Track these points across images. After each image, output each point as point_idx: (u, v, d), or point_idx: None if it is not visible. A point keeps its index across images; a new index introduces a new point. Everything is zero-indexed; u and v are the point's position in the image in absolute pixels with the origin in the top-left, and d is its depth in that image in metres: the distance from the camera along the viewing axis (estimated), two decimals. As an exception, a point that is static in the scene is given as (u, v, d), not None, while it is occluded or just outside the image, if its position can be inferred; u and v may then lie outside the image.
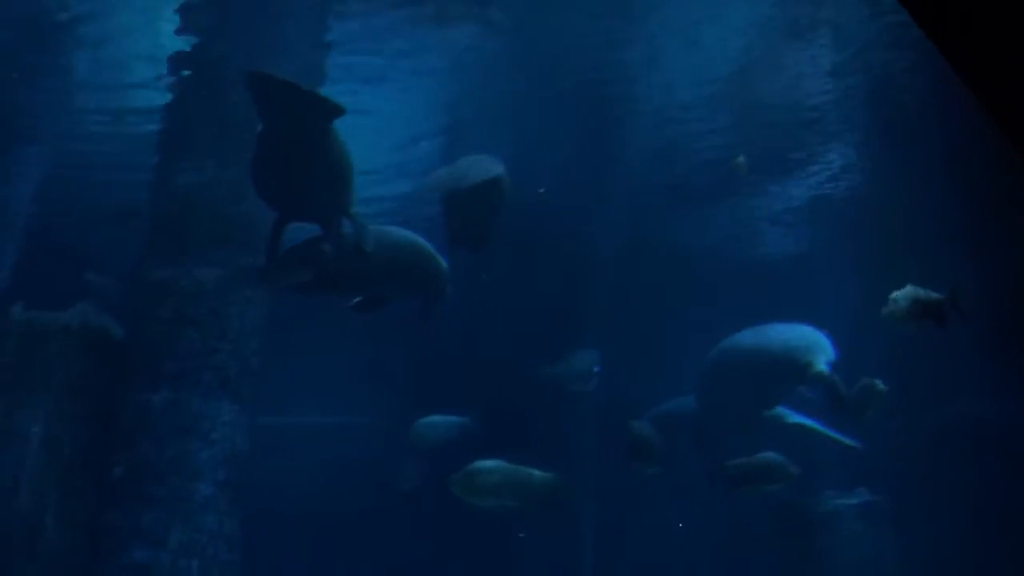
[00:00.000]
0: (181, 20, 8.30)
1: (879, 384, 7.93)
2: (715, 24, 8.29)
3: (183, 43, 8.56)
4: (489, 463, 7.63)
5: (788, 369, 8.33)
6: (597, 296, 11.67)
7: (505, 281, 10.34)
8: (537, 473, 7.52)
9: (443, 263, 7.90)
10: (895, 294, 7.00)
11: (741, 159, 9.21)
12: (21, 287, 8.93)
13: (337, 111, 6.88)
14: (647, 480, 9.06)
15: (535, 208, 9.53)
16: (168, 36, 8.52)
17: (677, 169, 10.50)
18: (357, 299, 7.94)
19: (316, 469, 10.65)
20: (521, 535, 10.54)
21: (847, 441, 9.31)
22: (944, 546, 9.28)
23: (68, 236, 10.89)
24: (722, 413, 9.42)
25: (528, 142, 9.65)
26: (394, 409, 10.63)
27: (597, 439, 11.33)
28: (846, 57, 8.73)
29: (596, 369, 10.01)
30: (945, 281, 8.29)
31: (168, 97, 9.09)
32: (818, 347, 8.27)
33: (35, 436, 7.67)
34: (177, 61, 8.74)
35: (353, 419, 11.19)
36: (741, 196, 10.94)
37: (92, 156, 10.30)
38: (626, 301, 11.44)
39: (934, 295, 7.00)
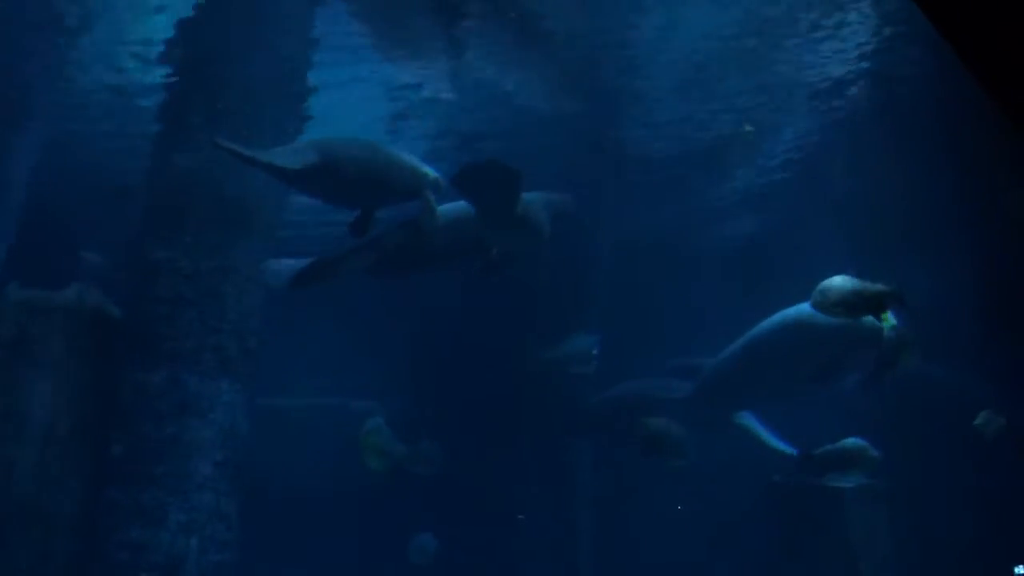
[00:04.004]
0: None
1: (910, 333, 7.92)
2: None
3: (180, 23, 8.53)
4: (377, 423, 8.09)
5: (867, 334, 8.26)
6: (592, 281, 11.69)
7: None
8: (398, 444, 8.30)
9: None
10: (826, 283, 6.88)
11: (748, 127, 9.17)
12: (17, 266, 8.90)
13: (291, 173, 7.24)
14: (652, 467, 9.11)
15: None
16: (166, 16, 8.48)
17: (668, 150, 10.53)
18: (482, 263, 8.21)
19: (314, 450, 10.68)
20: (520, 516, 10.60)
21: (785, 449, 9.41)
22: (936, 527, 9.37)
23: (64, 215, 10.84)
24: (762, 385, 9.40)
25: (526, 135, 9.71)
26: (394, 392, 10.65)
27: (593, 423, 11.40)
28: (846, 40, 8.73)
29: (595, 352, 10.03)
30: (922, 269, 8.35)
31: (166, 77, 9.04)
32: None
33: (32, 415, 7.67)
34: (174, 41, 8.69)
35: (351, 401, 11.18)
36: (719, 176, 10.98)
37: (88, 135, 10.25)
38: (617, 286, 11.48)
39: (871, 286, 6.86)
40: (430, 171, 7.74)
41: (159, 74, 9.06)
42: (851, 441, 8.09)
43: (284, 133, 8.80)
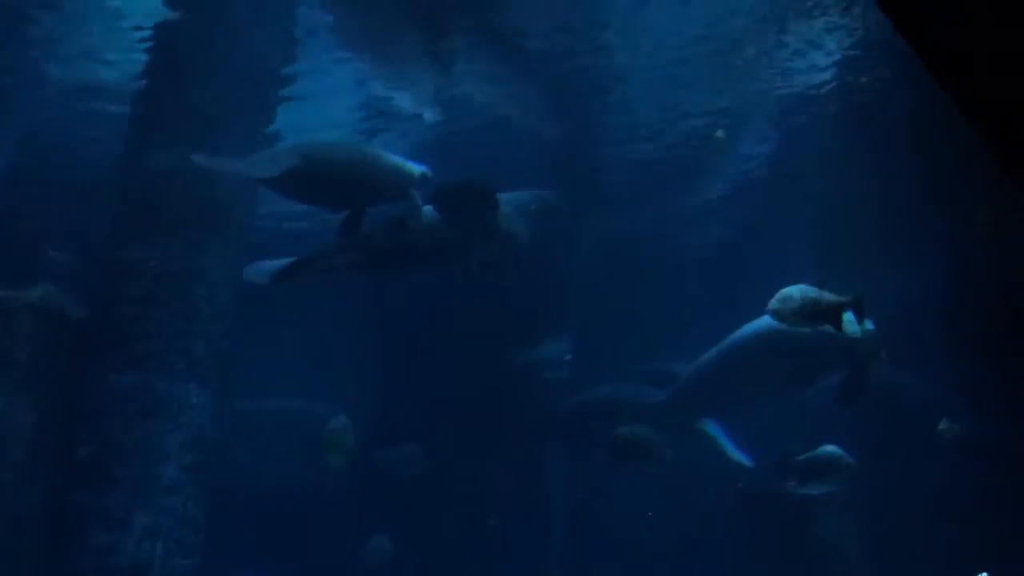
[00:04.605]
0: None
1: (878, 340, 8.05)
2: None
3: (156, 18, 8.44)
4: (343, 421, 8.14)
5: (845, 341, 8.29)
6: (568, 287, 11.72)
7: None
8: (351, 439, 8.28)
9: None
10: (784, 291, 6.92)
11: (720, 133, 9.19)
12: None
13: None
14: (622, 471, 9.15)
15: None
16: (142, 14, 8.39)
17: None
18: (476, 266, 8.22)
19: (284, 454, 10.60)
20: (492, 521, 10.59)
21: (742, 460, 9.54)
22: (902, 534, 9.49)
23: (30, 213, 10.69)
24: (743, 393, 9.48)
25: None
26: (364, 396, 10.59)
27: (565, 428, 11.42)
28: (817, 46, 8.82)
29: (568, 357, 10.06)
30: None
31: (140, 75, 8.93)
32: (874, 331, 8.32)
33: (-4, 415, 7.54)
34: (149, 39, 8.60)
35: (319, 405, 11.12)
36: (692, 183, 11.06)
37: (58, 132, 10.11)
38: (589, 291, 11.53)
39: (829, 296, 6.90)
40: (415, 168, 7.70)
41: (133, 71, 8.95)
42: (828, 448, 8.18)
43: (258, 134, 8.74)
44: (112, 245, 8.02)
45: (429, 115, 9.60)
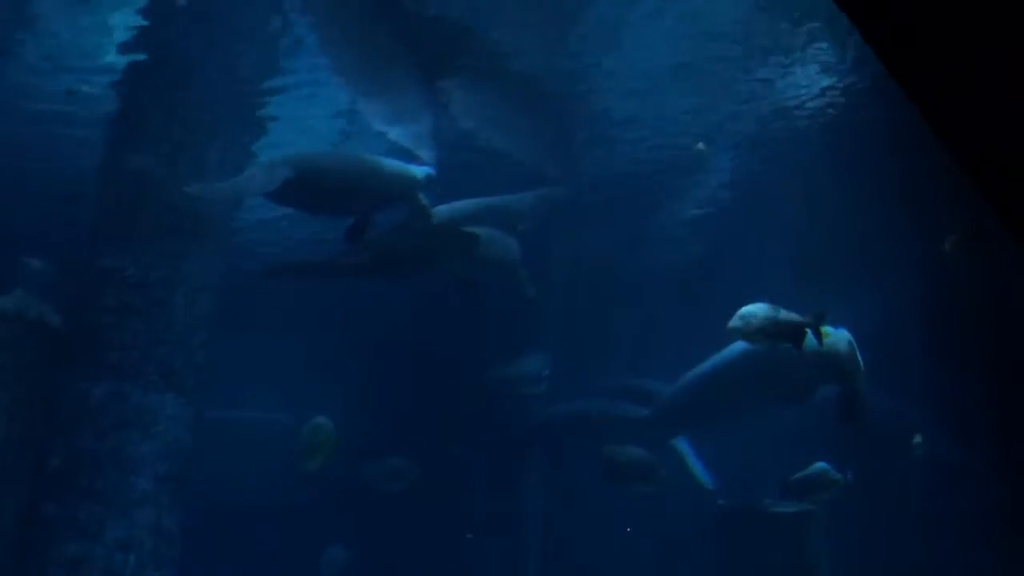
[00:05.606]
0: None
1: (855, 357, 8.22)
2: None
3: (136, 23, 8.41)
4: (323, 424, 8.19)
5: (836, 359, 8.38)
6: (546, 302, 11.76)
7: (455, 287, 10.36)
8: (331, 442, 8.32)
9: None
10: (745, 310, 7.02)
11: (701, 145, 9.27)
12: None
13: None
14: (614, 491, 9.20)
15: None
16: (121, 16, 8.36)
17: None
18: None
19: (260, 466, 10.53)
20: (469, 536, 10.57)
21: (705, 482, 9.65)
22: (873, 554, 9.59)
23: (6, 219, 10.57)
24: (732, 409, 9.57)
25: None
26: (343, 409, 10.56)
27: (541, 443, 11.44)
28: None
29: (545, 373, 10.09)
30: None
31: (119, 81, 8.89)
32: (853, 345, 8.43)
33: (-35, 424, 7.43)
34: (129, 43, 8.56)
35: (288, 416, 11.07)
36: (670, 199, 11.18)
37: (34, 136, 10.02)
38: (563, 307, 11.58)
39: (789, 316, 7.03)
40: (418, 171, 7.73)
41: (112, 77, 8.90)
42: (819, 465, 8.30)
43: (240, 144, 8.72)
44: (89, 253, 7.96)
45: (426, 155, 9.65)
